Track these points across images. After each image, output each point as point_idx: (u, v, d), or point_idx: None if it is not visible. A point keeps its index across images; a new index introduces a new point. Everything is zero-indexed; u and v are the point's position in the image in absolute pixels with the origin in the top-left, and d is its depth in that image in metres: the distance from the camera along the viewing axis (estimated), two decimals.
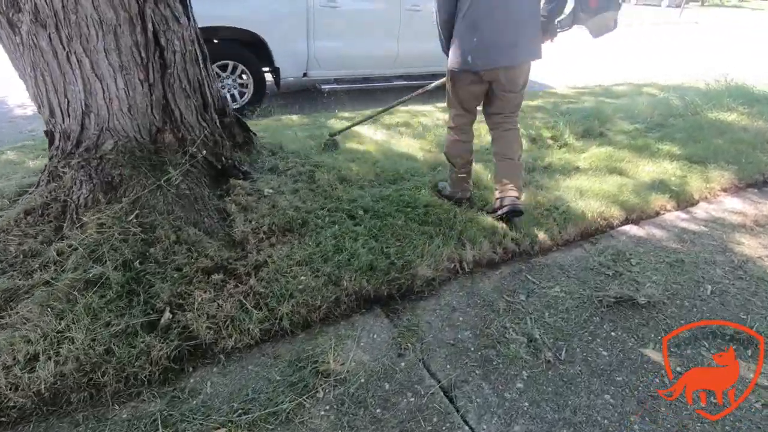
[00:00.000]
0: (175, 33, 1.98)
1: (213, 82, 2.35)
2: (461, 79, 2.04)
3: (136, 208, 1.90)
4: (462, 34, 1.90)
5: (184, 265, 1.69)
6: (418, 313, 1.73)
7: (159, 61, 1.96)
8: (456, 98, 2.14)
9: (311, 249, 1.86)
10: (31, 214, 1.91)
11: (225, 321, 1.52)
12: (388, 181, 2.68)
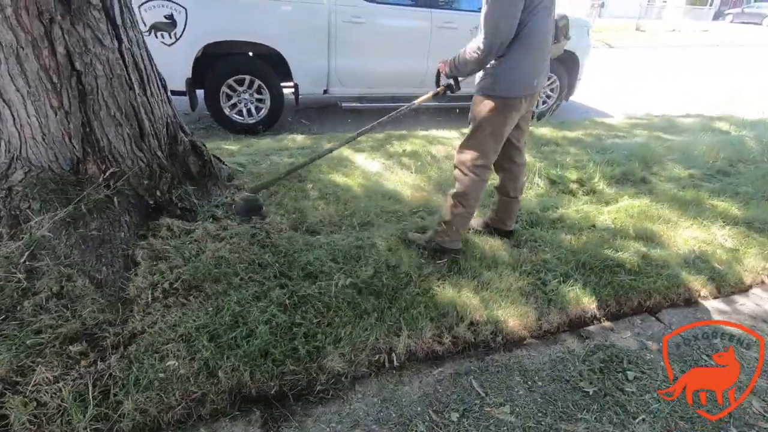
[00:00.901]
0: (98, 57, 1.78)
1: (159, 107, 2.14)
2: (515, 108, 1.79)
3: (31, 248, 1.70)
4: (519, 56, 1.71)
5: (46, 327, 1.45)
6: (307, 425, 1.35)
7: (77, 87, 1.76)
8: (501, 131, 1.84)
9: (205, 319, 1.55)
10: None
11: (54, 414, 1.24)
12: (353, 227, 2.32)
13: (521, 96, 1.77)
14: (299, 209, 2.39)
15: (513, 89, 1.75)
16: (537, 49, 1.73)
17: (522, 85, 1.75)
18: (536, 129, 4.46)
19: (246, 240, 2.02)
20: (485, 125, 1.82)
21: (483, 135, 1.84)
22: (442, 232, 2.02)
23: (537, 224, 2.50)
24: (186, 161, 2.31)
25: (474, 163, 1.89)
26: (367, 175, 3.02)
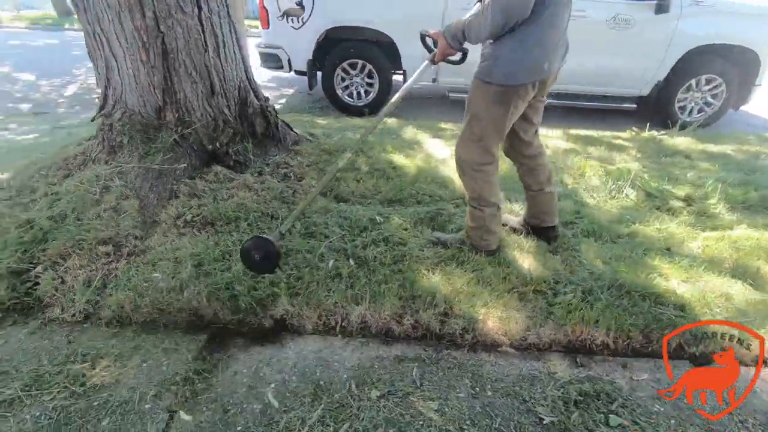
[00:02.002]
0: (179, 21, 2.13)
1: (232, 71, 2.45)
2: (519, 96, 1.54)
3: (116, 171, 2.16)
4: (526, 35, 1.43)
5: (93, 229, 1.84)
6: (238, 358, 1.44)
7: (161, 46, 2.15)
8: (502, 123, 1.59)
9: (200, 248, 1.76)
10: (66, 159, 2.40)
11: (66, 290, 1.58)
12: (380, 201, 2.31)
13: (527, 83, 1.50)
14: (339, 178, 2.48)
15: (516, 75, 1.48)
16: (548, 25, 1.44)
17: (528, 69, 1.48)
18: (670, 138, 3.70)
19: (272, 195, 2.19)
20: (483, 116, 1.59)
21: (481, 128, 1.61)
22: (473, 237, 1.83)
23: (595, 235, 2.12)
24: (253, 122, 2.60)
25: (476, 162, 1.68)
26: (429, 159, 2.95)
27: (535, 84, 1.53)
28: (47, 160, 2.50)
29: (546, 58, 1.49)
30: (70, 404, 1.24)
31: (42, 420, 1.19)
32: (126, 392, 1.29)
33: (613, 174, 2.79)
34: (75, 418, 1.20)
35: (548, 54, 1.49)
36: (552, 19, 1.43)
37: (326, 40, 4.69)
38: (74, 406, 1.23)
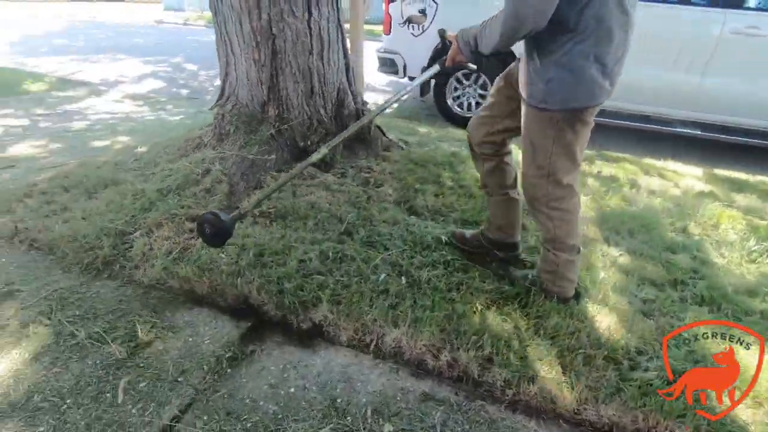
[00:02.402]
0: (289, 25, 2.28)
1: (334, 74, 2.54)
2: (581, 120, 1.34)
3: (216, 157, 2.40)
4: (595, 51, 1.23)
5: (186, 207, 2.06)
6: (272, 355, 1.47)
7: (271, 47, 2.32)
8: (575, 147, 1.38)
9: (265, 239, 1.85)
10: (187, 141, 2.75)
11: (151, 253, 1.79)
12: (454, 221, 2.18)
13: (588, 106, 1.29)
14: (419, 190, 2.41)
15: (577, 97, 1.27)
16: (603, 37, 1.21)
17: (589, 90, 1.27)
18: None
19: (346, 198, 2.22)
20: (546, 147, 1.37)
21: (548, 160, 1.39)
22: (545, 280, 1.61)
23: (711, 303, 1.71)
24: (346, 123, 2.67)
25: (550, 197, 1.44)
26: None
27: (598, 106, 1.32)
28: (175, 140, 2.88)
29: (607, 75, 1.27)
30: (122, 359, 1.38)
31: (96, 369, 1.35)
32: (166, 359, 1.40)
33: (761, 231, 2.23)
34: (121, 371, 1.34)
35: (614, 70, 1.28)
36: (606, 29, 1.21)
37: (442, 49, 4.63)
38: (126, 362, 1.37)
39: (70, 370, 1.34)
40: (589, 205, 2.46)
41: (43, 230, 1.95)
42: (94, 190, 2.29)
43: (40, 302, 1.60)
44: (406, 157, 2.78)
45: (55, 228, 1.94)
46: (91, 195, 2.24)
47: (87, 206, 2.11)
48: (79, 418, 1.20)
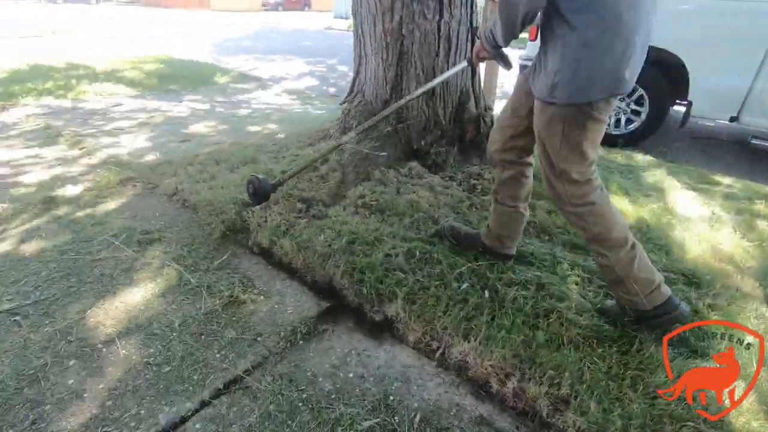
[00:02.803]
0: (418, 26, 2.32)
1: (457, 77, 2.51)
2: (592, 116, 1.24)
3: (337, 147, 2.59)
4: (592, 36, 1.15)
5: (300, 190, 2.27)
6: (341, 338, 1.53)
7: (399, 48, 2.40)
8: (586, 144, 1.28)
9: (360, 230, 1.93)
10: (317, 132, 3.03)
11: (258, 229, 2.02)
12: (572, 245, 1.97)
13: (599, 99, 1.19)
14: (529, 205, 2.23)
15: (587, 90, 1.18)
16: (618, 23, 1.12)
17: (602, 82, 1.18)
18: None
19: (447, 201, 2.18)
20: (555, 145, 1.30)
21: (559, 158, 1.31)
22: (619, 298, 1.43)
23: None
24: (464, 128, 2.62)
25: (571, 196, 1.35)
26: (662, 213, 2.30)
27: (611, 99, 1.22)
28: (309, 130, 3.20)
29: (625, 64, 1.16)
30: (218, 309, 1.60)
31: (199, 313, 1.58)
32: (253, 319, 1.56)
33: None
34: (218, 319, 1.55)
35: (626, 60, 1.16)
36: (613, 15, 1.12)
37: None
38: (222, 313, 1.58)
39: (181, 309, 1.60)
40: (752, 253, 1.97)
41: (193, 193, 2.36)
42: (237, 166, 2.67)
43: (176, 250, 1.94)
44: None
45: (201, 192, 2.33)
46: (233, 169, 2.63)
47: (228, 178, 2.47)
48: (179, 350, 1.43)
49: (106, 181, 2.55)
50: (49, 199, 2.33)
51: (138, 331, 1.49)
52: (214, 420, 1.21)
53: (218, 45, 10.76)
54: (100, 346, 1.43)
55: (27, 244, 1.95)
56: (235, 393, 1.29)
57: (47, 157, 3.01)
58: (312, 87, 6.36)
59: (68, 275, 1.76)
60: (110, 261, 1.86)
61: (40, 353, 1.38)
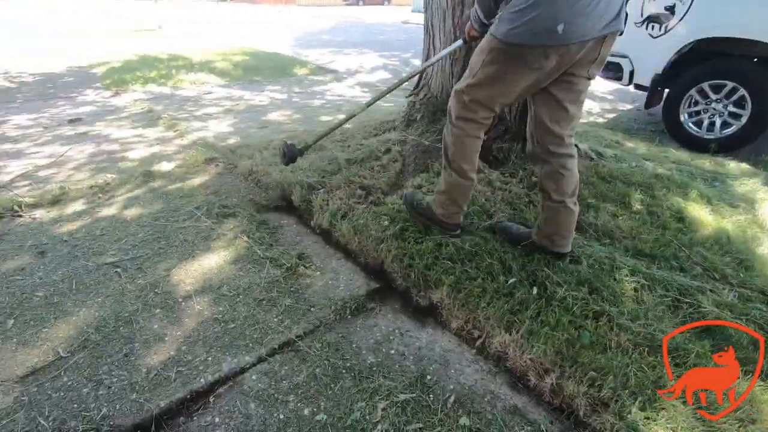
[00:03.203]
0: None
1: None
2: (530, 62, 1.33)
3: (398, 139, 2.68)
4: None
5: (361, 177, 2.39)
6: (387, 317, 1.62)
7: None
8: (494, 83, 1.43)
9: None
10: (382, 123, 3.13)
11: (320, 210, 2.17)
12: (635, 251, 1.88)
13: (532, 45, 1.29)
14: (592, 206, 2.15)
15: (518, 33, 1.29)
16: None
17: (532, 29, 1.26)
18: None
19: (504, 197, 2.17)
20: (476, 68, 1.45)
21: (473, 80, 1.47)
22: (438, 204, 1.76)
23: None
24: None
25: (457, 113, 1.57)
26: (747, 226, 2.10)
27: (548, 51, 1.28)
28: (374, 121, 3.31)
29: (560, 17, 1.22)
30: (279, 279, 1.76)
31: (263, 281, 1.75)
32: (309, 291, 1.71)
33: None
34: (279, 288, 1.71)
35: (564, 12, 1.22)
36: None
37: (689, 54, 3.87)
38: (282, 283, 1.74)
39: (248, 276, 1.78)
40: None
41: (265, 174, 2.58)
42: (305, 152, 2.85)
43: (247, 224, 2.15)
44: (591, 170, 2.49)
45: (272, 174, 2.54)
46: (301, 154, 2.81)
47: (297, 163, 2.66)
48: (243, 311, 1.60)
49: (194, 160, 2.86)
50: (148, 173, 2.68)
51: (210, 291, 1.70)
52: (268, 374, 1.35)
53: (299, 38, 11.30)
54: (180, 300, 1.65)
55: (128, 210, 2.27)
56: (287, 354, 1.43)
57: (148, 137, 3.43)
58: (384, 80, 6.49)
59: (159, 238, 2.02)
60: (192, 229, 2.10)
61: (134, 300, 1.63)
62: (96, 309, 1.59)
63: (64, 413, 1.21)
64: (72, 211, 2.26)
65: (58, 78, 5.66)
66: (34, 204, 2.29)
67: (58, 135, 3.44)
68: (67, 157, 2.96)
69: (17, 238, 2.02)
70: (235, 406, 1.26)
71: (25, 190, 2.46)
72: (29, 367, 1.35)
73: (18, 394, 1.26)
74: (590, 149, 2.80)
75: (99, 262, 1.84)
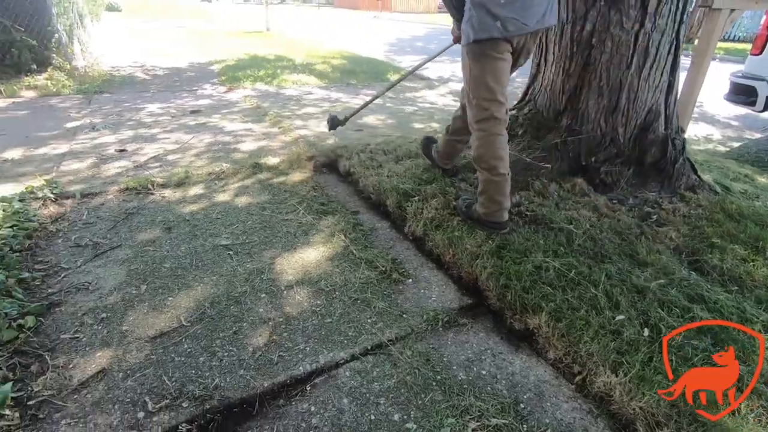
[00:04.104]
0: (611, 36, 2.18)
1: (648, 92, 2.28)
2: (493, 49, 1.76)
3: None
4: None
5: (450, 185, 2.38)
6: (478, 335, 1.59)
7: (585, 58, 2.30)
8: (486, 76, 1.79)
9: (511, 238, 1.94)
10: None
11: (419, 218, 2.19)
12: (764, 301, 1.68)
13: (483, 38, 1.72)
14: (717, 246, 1.94)
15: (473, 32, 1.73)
16: None
17: (480, 26, 1.71)
18: None
19: (612, 226, 2.04)
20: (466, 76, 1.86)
21: (471, 87, 1.85)
22: (480, 204, 1.96)
23: None
24: (645, 149, 2.38)
25: (474, 118, 1.88)
26: None
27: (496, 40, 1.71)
28: None
29: (495, 17, 1.68)
30: (373, 281, 1.80)
31: (359, 281, 1.81)
32: (400, 297, 1.73)
33: None
34: (372, 290, 1.76)
35: (496, 13, 1.67)
36: None
37: None
38: (375, 285, 1.79)
39: (344, 274, 1.86)
40: None
41: (362, 177, 2.67)
42: (401, 158, 2.91)
43: (344, 223, 2.24)
44: (717, 205, 2.24)
45: (369, 177, 2.62)
46: (398, 161, 2.87)
47: (392, 168, 2.72)
48: (339, 307, 1.67)
49: (297, 156, 3.04)
50: (256, 165, 2.90)
51: (309, 284, 1.79)
52: (360, 373, 1.40)
53: (393, 44, 11.56)
54: (283, 288, 1.76)
55: (239, 198, 2.48)
56: (379, 356, 1.46)
57: (256, 132, 3.72)
58: None
59: (265, 227, 2.19)
60: (294, 223, 2.24)
61: (243, 283, 1.78)
62: (211, 286, 1.75)
63: (184, 377, 1.35)
64: (193, 193, 2.52)
65: (183, 72, 6.36)
66: (163, 184, 2.60)
67: (183, 124, 3.86)
68: (189, 145, 3.31)
69: (149, 213, 2.29)
70: (330, 399, 1.31)
71: (156, 171, 2.80)
72: (157, 330, 1.53)
73: (148, 353, 1.43)
74: (715, 181, 2.52)
75: (215, 243, 2.03)
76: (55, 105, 4.28)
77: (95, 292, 1.69)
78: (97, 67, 5.97)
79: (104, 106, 4.32)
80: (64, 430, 1.18)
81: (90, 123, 3.72)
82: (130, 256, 1.93)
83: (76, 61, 5.72)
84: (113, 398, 1.27)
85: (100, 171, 2.76)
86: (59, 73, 5.16)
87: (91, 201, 2.39)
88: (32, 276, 1.74)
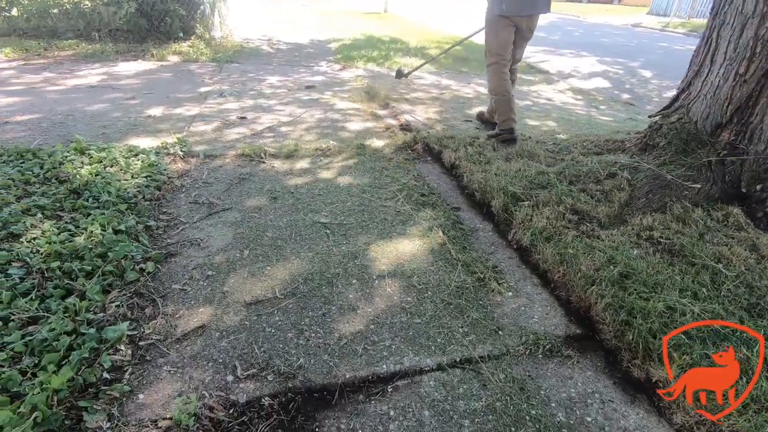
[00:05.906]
0: None
1: None
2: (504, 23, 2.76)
3: (629, 164, 2.29)
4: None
5: (575, 198, 2.11)
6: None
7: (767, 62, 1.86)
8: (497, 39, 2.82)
9: (639, 266, 1.67)
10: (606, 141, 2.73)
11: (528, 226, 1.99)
12: None
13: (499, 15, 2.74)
14: None
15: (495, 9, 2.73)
16: None
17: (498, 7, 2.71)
18: None
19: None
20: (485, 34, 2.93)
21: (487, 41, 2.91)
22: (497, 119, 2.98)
23: None
24: None
25: (488, 63, 2.93)
26: None
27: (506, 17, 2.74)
28: (596, 137, 2.92)
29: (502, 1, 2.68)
30: (469, 287, 1.67)
31: (452, 283, 1.69)
32: (498, 311, 1.58)
33: None
34: (467, 296, 1.63)
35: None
36: None
37: None
38: (471, 292, 1.66)
39: (438, 273, 1.75)
40: None
41: (467, 172, 2.51)
42: (512, 156, 2.69)
43: (444, 219, 2.12)
44: None
45: (475, 173, 2.45)
46: (508, 158, 2.66)
47: (502, 166, 2.52)
48: (429, 309, 1.58)
49: (402, 141, 2.98)
50: (361, 146, 2.90)
51: (402, 277, 1.72)
52: (446, 386, 1.29)
53: None
54: (374, 277, 1.71)
55: (341, 177, 2.49)
56: (468, 372, 1.34)
57: (364, 112, 3.73)
58: (601, 89, 5.76)
59: (362, 211, 2.16)
60: (392, 210, 2.18)
61: (337, 265, 1.76)
62: (307, 262, 1.77)
63: (272, 349, 1.37)
64: (300, 167, 2.58)
65: (303, 48, 6.65)
66: (274, 154, 2.71)
67: (297, 98, 4.02)
68: (301, 119, 3.42)
69: (259, 180, 2.40)
70: (410, 407, 1.23)
71: (269, 141, 2.93)
72: (253, 297, 1.57)
73: (243, 317, 1.48)
74: None
75: (314, 220, 2.05)
76: (193, 71, 4.73)
77: (205, 249, 1.80)
78: (230, 38, 6.50)
79: (232, 74, 4.67)
80: (165, 376, 1.26)
81: (219, 89, 4.04)
82: (238, 219, 2.02)
83: (214, 32, 6.28)
84: (208, 356, 1.33)
85: (222, 135, 2.96)
86: (200, 41, 5.70)
87: (212, 162, 2.57)
88: (157, 225, 1.91)
